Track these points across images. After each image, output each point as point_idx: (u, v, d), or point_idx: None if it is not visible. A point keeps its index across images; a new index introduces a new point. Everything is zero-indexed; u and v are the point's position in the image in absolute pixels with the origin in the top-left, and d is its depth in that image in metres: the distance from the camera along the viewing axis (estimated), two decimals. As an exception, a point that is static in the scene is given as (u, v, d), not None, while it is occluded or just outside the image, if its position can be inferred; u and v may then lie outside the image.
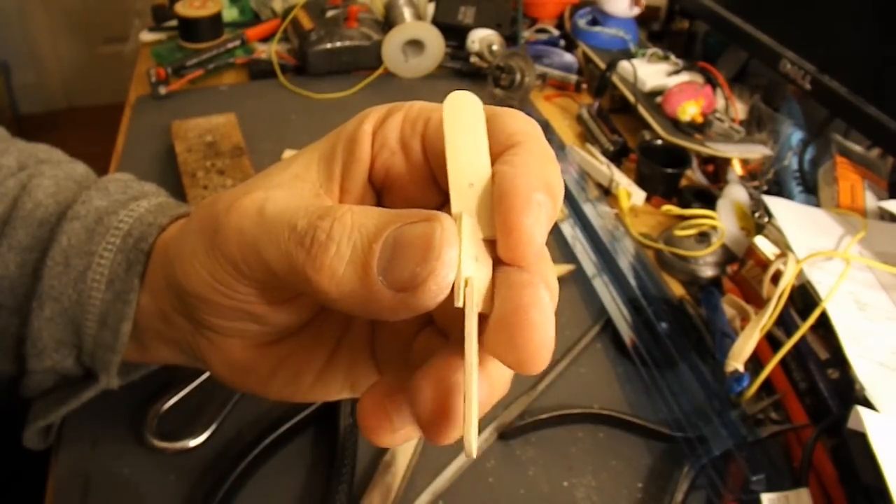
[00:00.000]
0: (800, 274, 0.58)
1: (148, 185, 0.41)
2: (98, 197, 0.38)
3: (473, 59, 0.99)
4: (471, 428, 0.17)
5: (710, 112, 0.83)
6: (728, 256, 0.67)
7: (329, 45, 0.97)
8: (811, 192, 0.74)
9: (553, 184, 0.21)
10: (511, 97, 0.92)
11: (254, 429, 0.48)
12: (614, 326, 0.59)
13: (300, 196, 0.24)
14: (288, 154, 0.76)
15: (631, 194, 0.75)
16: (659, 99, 0.86)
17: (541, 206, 0.19)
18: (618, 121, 0.87)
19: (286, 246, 0.22)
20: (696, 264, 0.67)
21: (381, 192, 0.27)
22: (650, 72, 0.90)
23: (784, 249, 0.61)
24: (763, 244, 0.63)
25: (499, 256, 0.20)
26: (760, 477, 0.47)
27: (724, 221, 0.69)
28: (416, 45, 0.98)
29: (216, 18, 1.02)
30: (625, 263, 0.64)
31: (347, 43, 0.97)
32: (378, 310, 0.20)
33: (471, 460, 0.49)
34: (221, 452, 0.47)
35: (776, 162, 0.77)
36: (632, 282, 0.62)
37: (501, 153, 0.22)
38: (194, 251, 0.27)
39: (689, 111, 0.82)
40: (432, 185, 0.25)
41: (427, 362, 0.21)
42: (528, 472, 0.49)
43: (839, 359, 0.53)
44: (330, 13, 1.00)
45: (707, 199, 0.73)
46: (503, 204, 0.19)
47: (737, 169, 0.77)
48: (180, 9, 1.00)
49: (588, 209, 0.71)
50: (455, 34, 1.01)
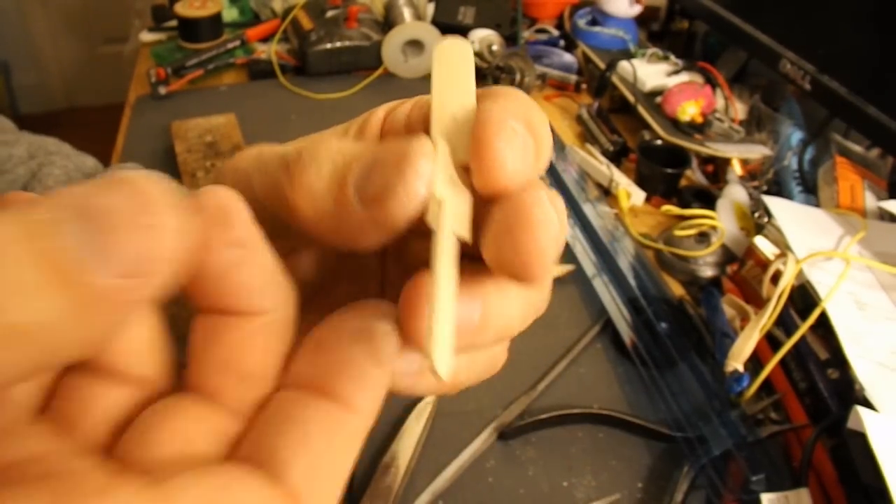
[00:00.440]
0: (800, 274, 0.58)
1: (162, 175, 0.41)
2: None
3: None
4: (435, 343, 0.17)
5: (710, 112, 0.83)
6: (728, 256, 0.67)
7: (329, 46, 0.97)
8: (811, 192, 0.74)
9: (535, 123, 0.20)
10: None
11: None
12: (614, 326, 0.59)
13: None
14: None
15: (631, 194, 0.75)
16: (659, 99, 0.86)
17: (516, 134, 0.19)
18: (618, 121, 0.87)
19: (273, 172, 0.21)
20: (696, 264, 0.67)
21: None
22: (650, 72, 0.90)
23: (784, 249, 0.61)
24: (763, 244, 0.63)
25: (474, 185, 0.19)
26: (760, 477, 0.47)
27: (724, 221, 0.69)
28: (416, 46, 0.98)
29: (216, 18, 1.02)
30: (625, 263, 0.64)
31: (347, 43, 0.97)
32: (349, 231, 0.20)
33: (471, 460, 0.49)
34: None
35: (776, 162, 0.77)
36: (632, 282, 0.62)
37: (489, 94, 0.21)
38: None
39: (689, 111, 0.82)
40: None
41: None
42: (528, 472, 0.49)
43: (839, 359, 0.53)
44: (330, 13, 1.00)
45: (707, 199, 0.73)
46: (477, 127, 0.19)
47: (737, 169, 0.77)
48: (180, 9, 1.00)
49: (588, 209, 0.71)
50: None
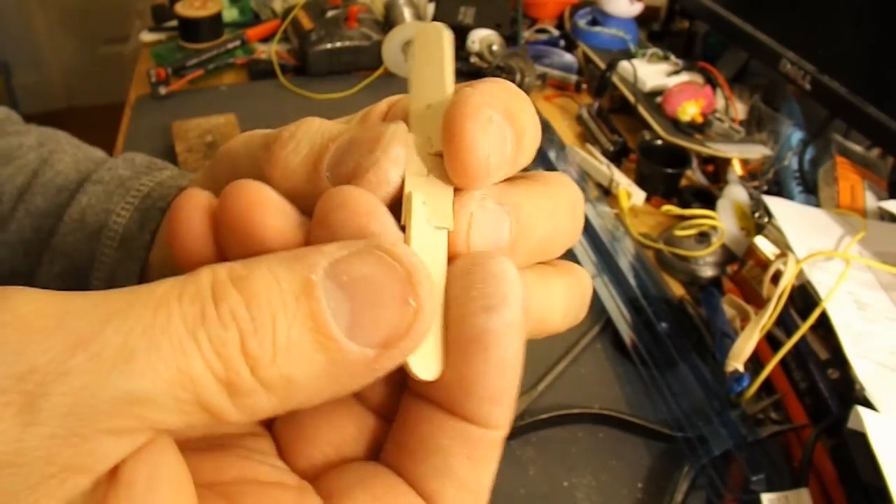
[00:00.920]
0: (800, 274, 0.58)
1: (171, 165, 0.42)
2: (123, 167, 0.38)
3: (473, 60, 0.99)
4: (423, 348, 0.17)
5: (710, 112, 0.83)
6: (728, 256, 0.67)
7: (329, 46, 0.97)
8: (811, 192, 0.74)
9: (516, 112, 0.18)
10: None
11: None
12: (614, 326, 0.59)
13: None
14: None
15: (631, 194, 0.75)
16: (659, 99, 0.86)
17: (491, 121, 0.17)
18: (618, 121, 0.87)
19: (255, 151, 0.21)
20: (696, 264, 0.67)
21: None
22: (650, 72, 0.90)
23: (784, 249, 0.61)
24: (763, 244, 0.63)
25: (448, 175, 0.18)
26: (760, 477, 0.47)
27: (724, 221, 0.69)
28: (416, 46, 0.98)
29: (216, 18, 1.02)
30: (625, 263, 0.64)
31: (347, 43, 0.97)
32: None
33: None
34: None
35: (776, 162, 0.77)
36: (632, 282, 0.62)
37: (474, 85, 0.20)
38: None
39: (689, 111, 0.82)
40: None
41: None
42: (528, 472, 0.49)
43: (839, 359, 0.53)
44: (330, 13, 1.00)
45: (707, 199, 0.73)
46: (448, 112, 0.18)
47: (737, 169, 0.77)
48: (180, 9, 1.00)
49: (588, 209, 0.71)
50: (455, 34, 1.01)
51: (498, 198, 0.19)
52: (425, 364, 0.17)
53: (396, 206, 0.18)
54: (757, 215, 0.69)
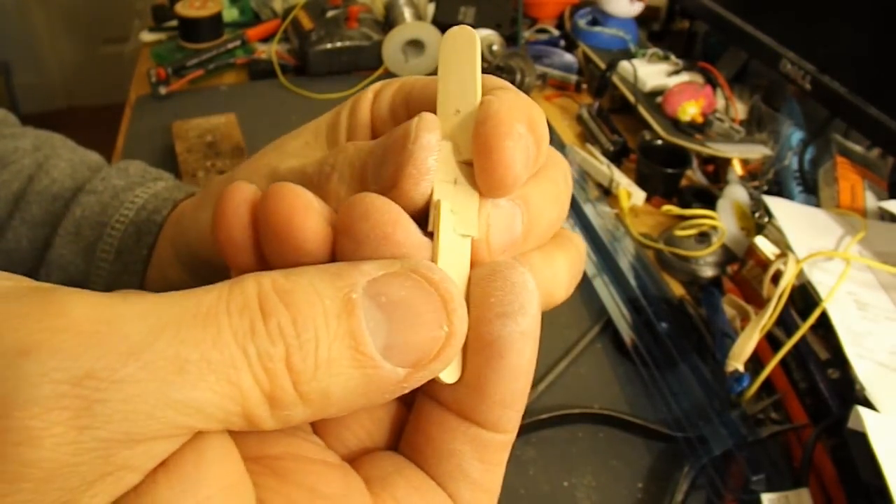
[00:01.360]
0: (800, 274, 0.58)
1: (165, 173, 0.42)
2: (117, 176, 0.38)
3: (473, 59, 0.99)
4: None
5: (711, 112, 0.83)
6: (728, 256, 0.67)
7: (329, 46, 0.97)
8: (811, 192, 0.74)
9: (535, 122, 0.19)
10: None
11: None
12: (614, 326, 0.59)
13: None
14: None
15: (631, 194, 0.75)
16: (659, 99, 0.86)
17: (521, 137, 0.18)
18: (618, 121, 0.87)
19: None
20: (696, 264, 0.67)
21: None
22: (650, 72, 0.90)
23: (784, 249, 0.61)
24: (763, 244, 0.63)
25: (477, 185, 0.19)
26: (760, 477, 0.47)
27: (725, 221, 0.69)
28: (417, 46, 0.98)
29: (216, 18, 1.02)
30: (625, 263, 0.64)
31: (347, 43, 0.97)
32: None
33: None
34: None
35: (776, 162, 0.77)
36: (632, 282, 0.62)
37: (490, 91, 0.21)
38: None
39: (690, 111, 0.82)
40: None
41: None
42: (528, 472, 0.49)
43: (839, 359, 0.53)
44: (330, 13, 1.00)
45: (707, 199, 0.73)
46: (484, 127, 0.18)
47: (737, 169, 0.77)
48: (180, 9, 1.00)
49: (588, 209, 0.71)
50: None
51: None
52: (446, 368, 0.17)
53: (423, 211, 0.18)
54: (757, 215, 0.69)
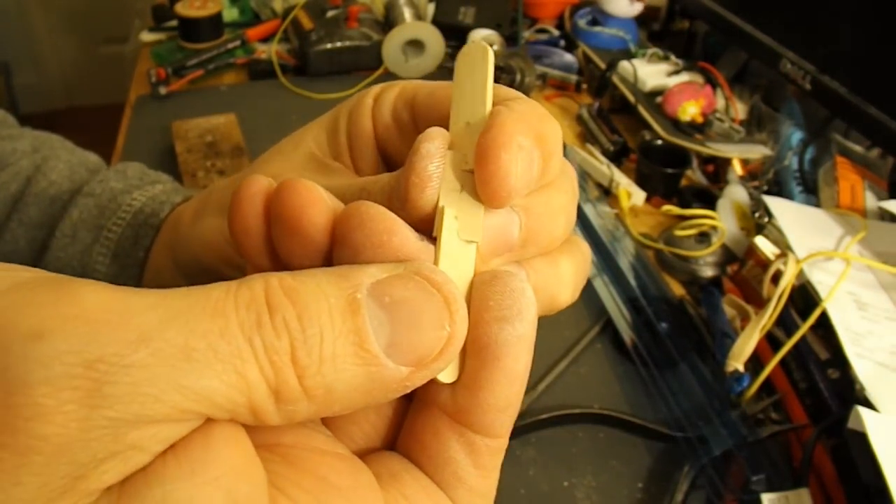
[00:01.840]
0: (800, 274, 0.58)
1: (163, 175, 0.42)
2: (115, 179, 0.38)
3: (473, 59, 0.99)
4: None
5: (711, 112, 0.83)
6: (728, 256, 0.67)
7: (329, 46, 0.97)
8: (811, 192, 0.74)
9: (545, 137, 0.19)
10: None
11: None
12: (614, 326, 0.59)
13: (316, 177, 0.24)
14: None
15: (631, 194, 0.75)
16: (659, 99, 0.86)
17: (522, 148, 0.18)
18: (618, 121, 0.87)
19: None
20: (696, 264, 0.67)
21: (393, 170, 0.27)
22: (650, 72, 0.90)
23: (784, 249, 0.61)
24: (763, 244, 0.63)
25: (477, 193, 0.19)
26: (760, 477, 0.47)
27: (725, 221, 0.69)
28: (417, 45, 0.98)
29: (216, 18, 1.02)
30: (625, 263, 0.64)
31: (347, 43, 0.97)
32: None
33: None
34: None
35: (776, 162, 0.77)
36: (632, 282, 0.62)
37: (503, 102, 0.21)
38: (219, 227, 0.27)
39: (690, 111, 0.82)
40: None
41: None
42: (528, 472, 0.49)
43: (839, 359, 0.53)
44: (330, 13, 1.00)
45: (707, 199, 0.73)
46: (483, 137, 0.18)
47: (737, 169, 0.77)
48: (180, 9, 1.00)
49: (588, 209, 0.71)
50: (455, 34, 1.01)
51: None
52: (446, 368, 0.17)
53: (432, 219, 0.19)
54: (757, 215, 0.69)
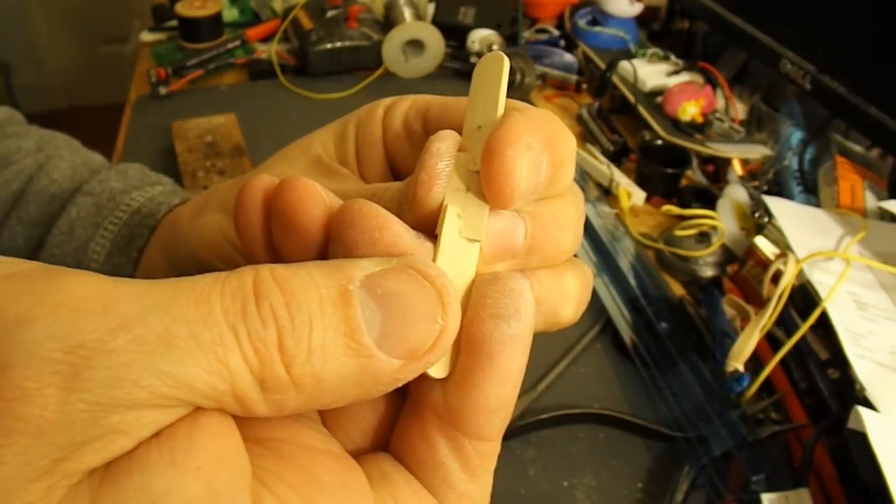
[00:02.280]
0: (800, 274, 0.58)
1: (164, 178, 0.42)
2: (115, 179, 0.38)
3: (473, 59, 0.99)
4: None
5: (710, 112, 0.83)
6: (728, 256, 0.67)
7: (329, 46, 0.97)
8: (811, 192, 0.74)
9: (556, 144, 0.19)
10: (511, 98, 0.92)
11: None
12: (614, 326, 0.59)
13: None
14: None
15: (631, 194, 0.75)
16: (659, 99, 0.86)
17: (529, 149, 0.18)
18: (618, 121, 0.87)
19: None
20: (696, 264, 0.67)
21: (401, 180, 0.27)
22: (650, 72, 0.90)
23: (784, 249, 0.61)
24: (763, 244, 0.63)
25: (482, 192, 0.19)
26: (760, 477, 0.47)
27: (725, 221, 0.69)
28: (417, 45, 0.98)
29: (216, 18, 1.02)
30: (625, 263, 0.64)
31: (347, 43, 0.97)
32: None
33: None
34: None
35: (776, 162, 0.77)
36: (632, 282, 0.62)
37: (517, 108, 0.21)
38: (218, 223, 0.27)
39: (689, 111, 0.82)
40: None
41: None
42: (528, 472, 0.49)
43: (839, 359, 0.53)
44: (330, 13, 1.00)
45: (707, 199, 0.73)
46: (492, 135, 0.18)
47: (737, 169, 0.77)
48: (180, 9, 1.00)
49: (588, 209, 0.71)
50: (455, 34, 1.01)
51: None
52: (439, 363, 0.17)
53: (435, 218, 0.18)
54: (757, 215, 0.69)
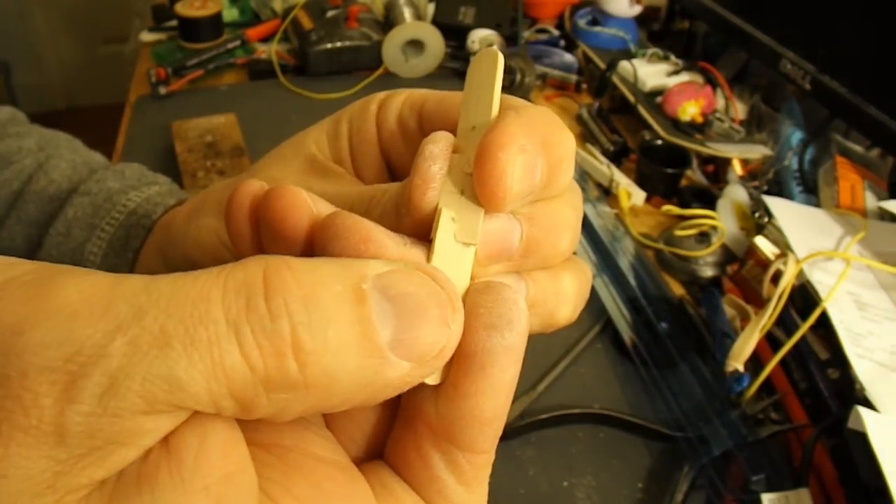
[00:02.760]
0: (800, 274, 0.58)
1: (162, 177, 0.42)
2: (112, 178, 0.38)
3: (473, 59, 0.99)
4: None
5: (710, 112, 0.83)
6: (728, 256, 0.67)
7: (329, 46, 0.97)
8: (811, 192, 0.74)
9: (552, 143, 0.19)
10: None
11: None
12: (614, 326, 0.59)
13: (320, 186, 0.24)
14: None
15: (631, 194, 0.75)
16: (659, 99, 0.86)
17: (523, 151, 0.18)
18: (618, 121, 0.87)
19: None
20: (696, 264, 0.67)
21: (397, 177, 0.26)
22: (650, 72, 0.90)
23: (784, 249, 0.61)
24: (763, 244, 0.63)
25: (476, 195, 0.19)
26: (760, 477, 0.47)
27: (725, 221, 0.69)
28: (417, 45, 0.98)
29: (216, 18, 1.02)
30: (625, 263, 0.64)
31: (347, 43, 0.97)
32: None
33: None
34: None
35: (776, 162, 0.77)
36: (632, 282, 0.62)
37: (512, 108, 0.20)
38: (214, 227, 0.27)
39: (689, 111, 0.82)
40: None
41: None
42: (528, 472, 0.49)
43: (839, 359, 0.53)
44: (330, 13, 1.00)
45: (707, 199, 0.73)
46: (485, 137, 0.18)
47: (737, 169, 0.77)
48: (180, 9, 1.00)
49: (588, 209, 0.71)
50: (455, 34, 1.01)
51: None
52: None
53: (431, 222, 0.18)
54: (757, 215, 0.69)
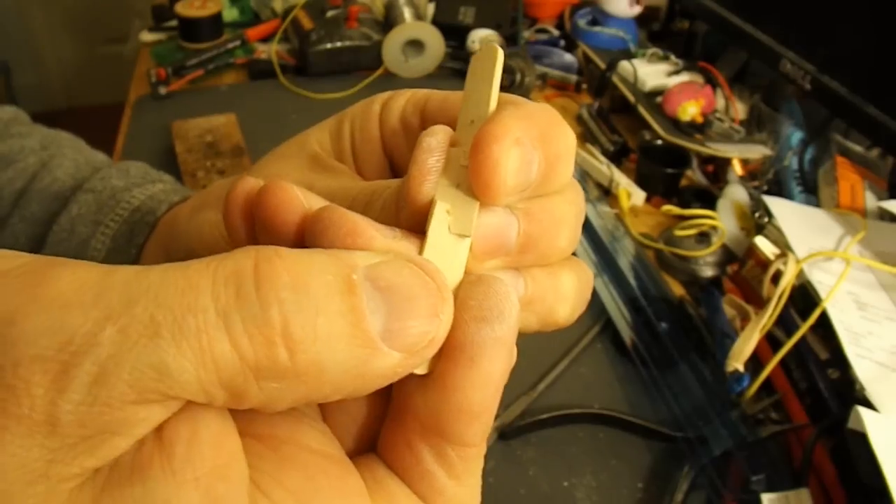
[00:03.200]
0: (800, 274, 0.58)
1: (166, 175, 0.42)
2: (117, 176, 0.38)
3: (473, 59, 0.99)
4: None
5: (710, 112, 0.83)
6: (728, 256, 0.67)
7: (329, 46, 0.97)
8: (811, 192, 0.74)
9: (550, 138, 0.18)
10: (511, 97, 0.92)
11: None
12: (614, 326, 0.59)
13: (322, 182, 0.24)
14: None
15: (631, 194, 0.75)
16: (659, 99, 0.86)
17: (519, 144, 0.17)
18: (618, 121, 0.87)
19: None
20: (696, 264, 0.67)
21: (400, 176, 0.26)
22: (650, 72, 0.90)
23: (784, 249, 0.61)
24: (763, 244, 0.63)
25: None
26: (760, 477, 0.47)
27: (725, 221, 0.69)
28: (417, 45, 0.98)
29: (216, 18, 1.02)
30: (625, 263, 0.64)
31: (347, 43, 0.97)
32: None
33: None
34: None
35: (776, 162, 0.77)
36: (632, 282, 0.62)
37: (512, 103, 0.20)
38: (216, 222, 0.27)
39: (689, 111, 0.82)
40: None
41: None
42: (528, 472, 0.49)
43: (839, 359, 0.53)
44: (330, 13, 1.00)
45: (707, 199, 0.73)
46: (483, 129, 0.18)
47: (737, 169, 0.77)
48: (180, 9, 1.00)
49: (588, 209, 0.71)
50: (455, 34, 1.01)
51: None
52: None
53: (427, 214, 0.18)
54: (757, 215, 0.69)
